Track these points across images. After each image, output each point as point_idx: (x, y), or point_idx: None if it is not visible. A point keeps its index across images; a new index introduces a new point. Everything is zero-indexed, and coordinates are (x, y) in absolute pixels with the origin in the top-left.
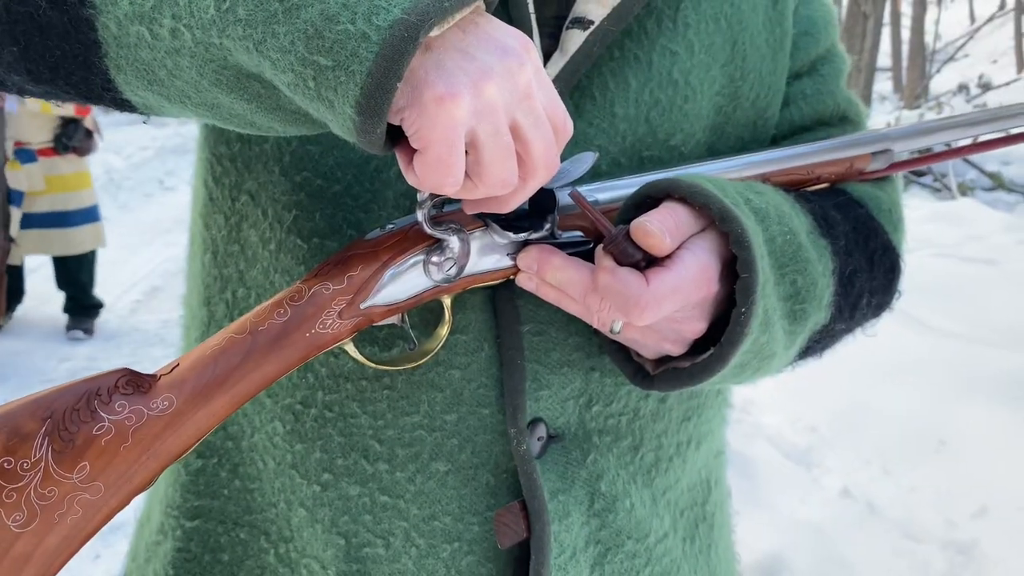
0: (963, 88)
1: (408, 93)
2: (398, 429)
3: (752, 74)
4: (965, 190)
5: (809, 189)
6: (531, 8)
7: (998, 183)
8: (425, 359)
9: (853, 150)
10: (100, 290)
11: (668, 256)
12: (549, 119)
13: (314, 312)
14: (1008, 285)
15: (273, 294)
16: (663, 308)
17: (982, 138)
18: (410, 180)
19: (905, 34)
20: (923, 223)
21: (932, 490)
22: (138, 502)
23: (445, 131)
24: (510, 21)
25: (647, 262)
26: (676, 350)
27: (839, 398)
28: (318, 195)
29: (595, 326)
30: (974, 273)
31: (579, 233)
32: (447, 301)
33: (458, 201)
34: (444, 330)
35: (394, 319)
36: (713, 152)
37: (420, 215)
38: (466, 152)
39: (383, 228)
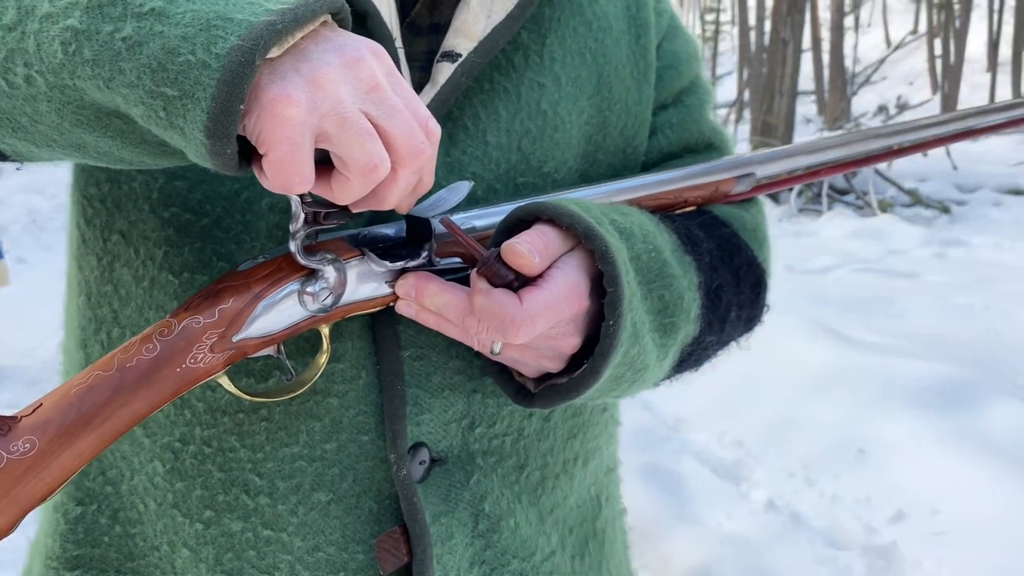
0: (883, 109)
1: (249, 102)
2: (278, 461)
3: (619, 105)
4: (886, 207)
5: (677, 212)
6: (399, 43)
7: (916, 199)
8: (303, 389)
9: (718, 175)
10: (22, 334)
11: (540, 275)
12: (412, 115)
13: (184, 346)
14: (926, 296)
15: None
16: (537, 325)
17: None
18: (265, 185)
19: (826, 58)
20: (846, 239)
21: (852, 498)
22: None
23: (284, 130)
24: None
25: (520, 282)
26: (555, 367)
27: (765, 413)
28: (187, 230)
29: (476, 348)
30: (894, 286)
31: (457, 259)
32: (325, 330)
33: (333, 229)
34: (322, 359)
35: (270, 350)
36: (586, 178)
37: (292, 245)
38: (326, 151)
39: (255, 259)
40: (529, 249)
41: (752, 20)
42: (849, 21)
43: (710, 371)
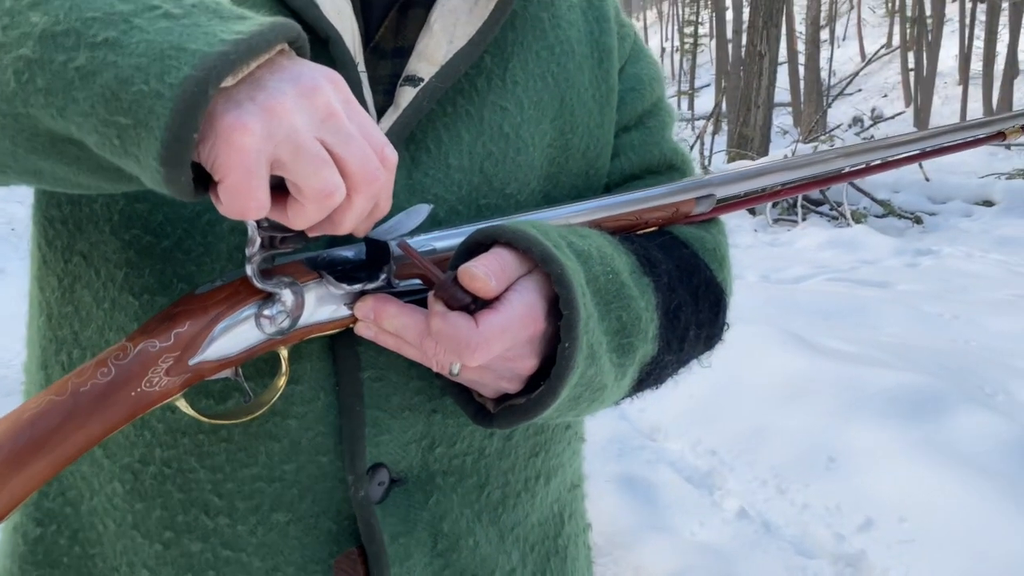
0: (857, 120)
1: (204, 130)
2: (237, 482)
3: (581, 127)
4: (859, 217)
5: (638, 232)
6: (362, 67)
7: (889, 210)
8: (261, 411)
9: (678, 196)
10: None
11: (497, 298)
12: (368, 143)
13: (139, 370)
14: (898, 306)
15: None
16: (493, 348)
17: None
18: (221, 211)
19: (802, 71)
20: (821, 250)
21: (823, 506)
22: None
23: (239, 158)
24: None
25: (477, 305)
26: (513, 387)
27: (739, 421)
28: (148, 251)
29: (435, 369)
30: (867, 295)
31: (418, 281)
32: (283, 352)
33: (290, 253)
34: (281, 381)
35: (227, 373)
36: (549, 200)
37: (249, 269)
38: (281, 178)
39: (213, 283)
40: (485, 272)
41: (729, 33)
42: (825, 34)
43: (685, 381)
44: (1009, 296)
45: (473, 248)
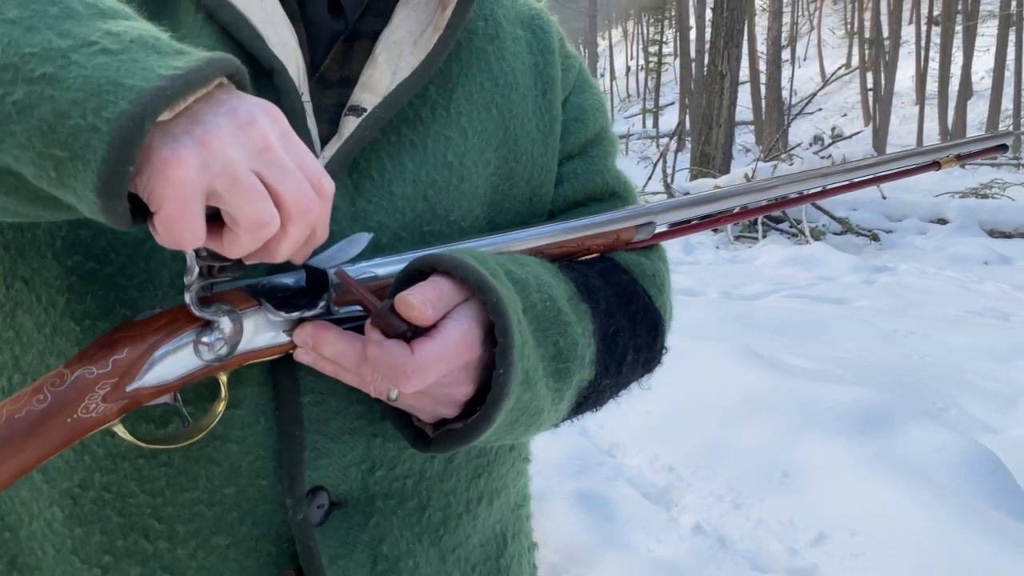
0: (818, 139)
1: (140, 162)
2: (177, 506)
3: (525, 156)
4: (818, 235)
5: (580, 259)
6: (306, 97)
7: (847, 228)
8: (200, 436)
9: (619, 224)
10: None
11: (434, 326)
12: (304, 175)
13: (76, 397)
14: (854, 321)
15: None
16: (428, 375)
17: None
18: (158, 240)
19: (764, 90)
20: (780, 266)
21: (777, 521)
22: None
23: (174, 190)
24: (284, 110)
25: (413, 333)
26: (451, 413)
27: (696, 437)
28: (90, 277)
29: (373, 395)
30: (825, 311)
31: (358, 308)
32: (223, 377)
33: (229, 280)
34: (220, 407)
35: (166, 398)
36: (493, 226)
37: (187, 297)
38: (217, 208)
39: (152, 310)
40: (422, 301)
41: (693, 53)
42: (786, 54)
43: (645, 397)
44: (961, 312)
45: (412, 276)
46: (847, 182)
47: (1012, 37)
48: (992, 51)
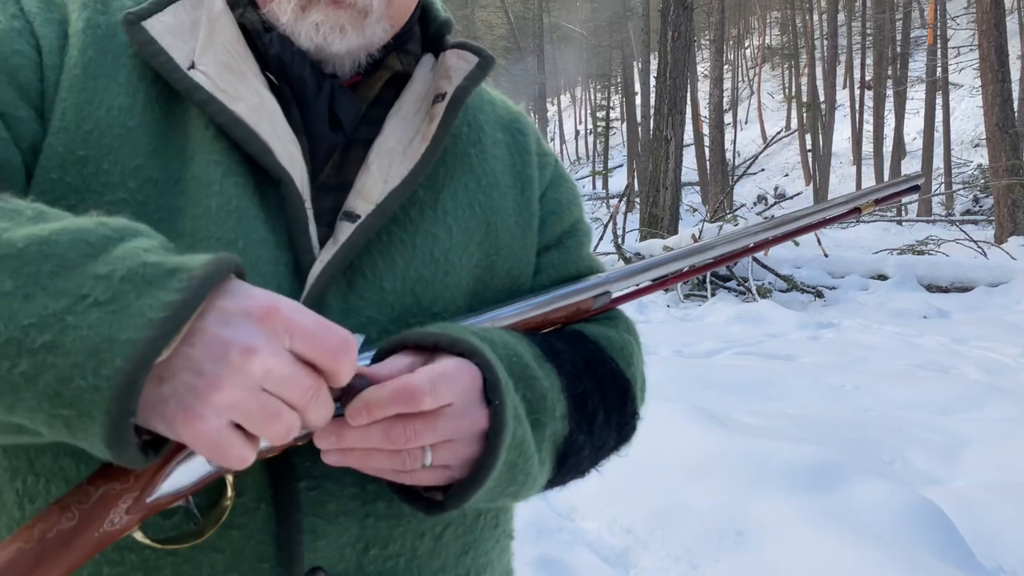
0: (762, 198)
1: (160, 424)
2: None
3: (505, 249)
4: (764, 292)
5: (544, 332)
6: (308, 204)
7: (792, 285)
8: (209, 533)
9: (577, 296)
10: None
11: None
12: (321, 348)
13: (102, 512)
14: (802, 378)
15: (63, 479)
16: (439, 390)
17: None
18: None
19: (708, 152)
20: (730, 324)
21: None
22: None
23: (205, 439)
24: (289, 218)
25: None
26: (476, 451)
27: (653, 498)
28: None
29: (408, 468)
30: (773, 368)
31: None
32: (229, 478)
33: None
34: (227, 503)
35: (180, 503)
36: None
37: None
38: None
39: None
40: (390, 367)
41: (639, 117)
42: (729, 118)
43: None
44: (904, 366)
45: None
46: (784, 232)
47: (939, 100)
48: (921, 113)
